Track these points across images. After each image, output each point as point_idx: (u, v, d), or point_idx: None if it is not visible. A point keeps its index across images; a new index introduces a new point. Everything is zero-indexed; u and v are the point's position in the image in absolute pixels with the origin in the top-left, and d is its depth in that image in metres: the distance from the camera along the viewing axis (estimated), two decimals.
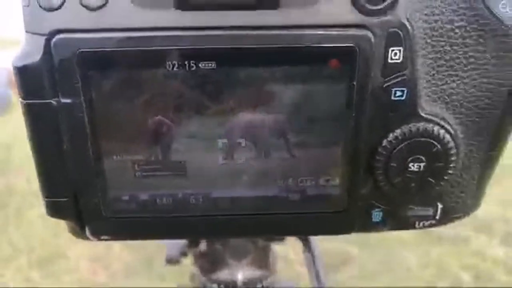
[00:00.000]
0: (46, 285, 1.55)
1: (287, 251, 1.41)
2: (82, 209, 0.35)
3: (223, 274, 0.68)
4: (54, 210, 0.35)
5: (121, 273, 1.61)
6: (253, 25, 0.30)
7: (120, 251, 1.66)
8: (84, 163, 0.33)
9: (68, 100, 0.31)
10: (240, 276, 0.67)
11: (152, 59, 0.30)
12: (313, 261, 0.80)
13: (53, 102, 0.31)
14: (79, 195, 0.34)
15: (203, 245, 0.72)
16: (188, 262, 0.79)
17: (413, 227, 0.39)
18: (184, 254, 0.82)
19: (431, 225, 0.39)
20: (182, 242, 0.78)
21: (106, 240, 0.36)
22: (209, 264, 0.72)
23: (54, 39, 0.30)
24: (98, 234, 0.36)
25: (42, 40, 0.30)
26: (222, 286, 0.67)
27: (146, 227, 0.36)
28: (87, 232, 0.36)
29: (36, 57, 0.30)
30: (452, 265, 1.60)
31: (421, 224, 0.38)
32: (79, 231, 0.36)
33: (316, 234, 0.38)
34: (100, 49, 0.30)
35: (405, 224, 0.38)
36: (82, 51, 0.30)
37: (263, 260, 0.70)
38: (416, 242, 1.66)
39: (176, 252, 0.81)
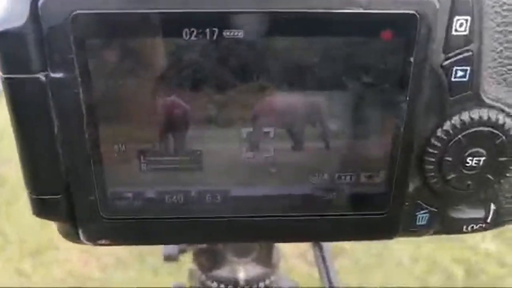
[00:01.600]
0: (37, 276, 1.51)
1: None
2: (75, 208, 0.29)
3: (224, 272, 0.64)
4: (42, 209, 0.29)
5: (113, 265, 1.56)
6: None
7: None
8: (78, 152, 0.27)
9: (60, 75, 0.26)
10: (242, 274, 0.64)
11: (164, 24, 0.25)
12: (322, 258, 0.77)
13: (41, 76, 0.26)
14: (72, 191, 0.29)
15: None
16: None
17: (460, 231, 0.34)
18: (183, 251, 0.79)
19: (481, 229, 0.34)
20: None
21: (104, 245, 0.30)
22: (209, 261, 0.69)
23: (41, 0, 0.24)
24: (94, 238, 0.30)
25: (27, 1, 0.24)
26: (222, 285, 0.64)
27: (152, 231, 0.31)
28: (81, 236, 0.30)
29: (19, 21, 0.25)
30: (444, 259, 1.57)
31: (469, 227, 0.34)
32: (72, 234, 0.31)
33: (354, 239, 0.33)
34: (100, 11, 0.24)
35: (451, 227, 0.34)
36: (77, 14, 0.24)
37: (266, 258, 0.67)
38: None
39: (174, 248, 0.78)
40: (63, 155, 0.28)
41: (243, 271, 0.64)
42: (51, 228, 0.32)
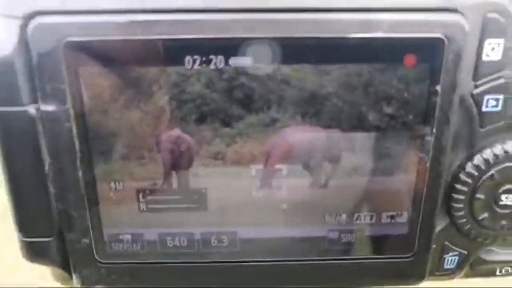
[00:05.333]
0: None
1: None
2: (68, 252, 0.27)
3: None
4: (33, 252, 0.28)
5: None
6: (303, 8, 0.23)
7: None
8: (71, 192, 0.26)
9: (51, 107, 0.24)
10: None
11: (165, 52, 0.23)
12: None
13: (31, 109, 0.24)
14: (65, 233, 0.27)
15: None
16: None
17: (493, 274, 0.31)
18: None
19: None
20: None
21: None
22: None
23: (31, 25, 0.23)
24: (89, 283, 0.28)
25: (15, 25, 0.23)
26: None
27: (153, 276, 0.28)
28: (75, 281, 0.28)
29: (7, 48, 0.23)
30: None
31: (503, 270, 0.31)
32: (66, 279, 0.29)
33: (377, 284, 0.30)
34: (95, 38, 0.23)
35: (483, 271, 0.31)
36: (70, 41, 0.23)
37: None
38: None
39: None
40: (55, 195, 0.26)
41: None
42: None
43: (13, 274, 0.54)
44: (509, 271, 0.31)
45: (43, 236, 0.27)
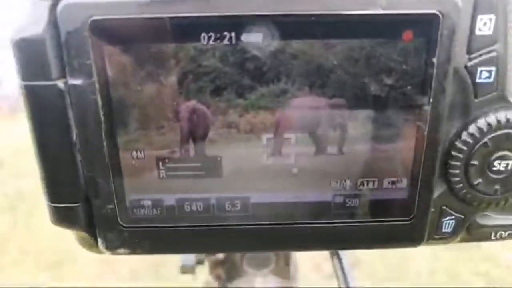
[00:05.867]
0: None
1: None
2: (94, 216, 0.29)
3: (241, 284, 0.64)
4: (61, 217, 0.29)
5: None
6: None
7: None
8: (97, 160, 0.27)
9: (78, 81, 0.25)
10: (260, 286, 0.64)
11: (182, 29, 0.25)
12: (340, 267, 0.75)
13: (60, 83, 0.26)
14: (91, 199, 0.28)
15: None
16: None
17: (488, 239, 0.33)
18: (200, 262, 0.78)
19: (510, 236, 0.33)
20: None
21: (122, 254, 0.30)
22: (227, 273, 0.69)
23: (60, 5, 0.24)
24: (113, 247, 0.30)
25: (45, 7, 0.24)
26: None
27: (171, 239, 0.30)
28: (100, 245, 0.29)
29: (38, 28, 0.25)
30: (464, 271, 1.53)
31: (498, 235, 0.32)
32: (91, 243, 0.30)
33: (378, 247, 0.31)
34: (118, 17, 0.24)
35: (479, 235, 0.32)
36: (95, 20, 0.24)
37: (284, 269, 0.67)
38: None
39: (191, 259, 0.77)
40: (82, 163, 0.27)
41: (261, 282, 0.64)
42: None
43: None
44: (503, 235, 0.32)
45: (70, 202, 0.28)
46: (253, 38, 0.25)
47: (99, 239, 0.29)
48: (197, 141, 0.27)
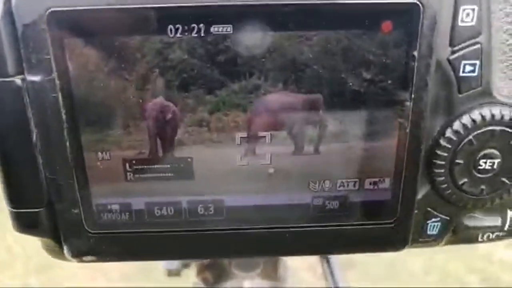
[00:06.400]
0: None
1: None
2: (58, 222, 0.27)
3: (229, 286, 0.64)
4: (24, 223, 0.28)
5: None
6: None
7: None
8: (59, 162, 0.26)
9: (37, 78, 0.24)
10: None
11: (149, 21, 0.23)
12: (329, 269, 0.75)
13: (17, 80, 0.24)
14: (54, 203, 0.27)
15: None
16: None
17: (475, 241, 0.32)
18: (186, 265, 0.78)
19: (497, 238, 0.32)
20: None
21: (89, 261, 0.28)
22: (214, 276, 0.67)
23: None
24: (79, 254, 0.28)
25: None
26: None
27: (141, 246, 0.28)
28: (66, 252, 0.28)
29: None
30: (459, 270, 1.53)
31: (485, 236, 0.31)
32: (56, 250, 0.29)
33: (361, 251, 0.30)
34: (78, 8, 0.23)
35: (465, 237, 0.31)
36: (54, 11, 0.23)
37: (272, 271, 0.66)
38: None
39: (174, 263, 0.78)
40: (43, 165, 0.26)
41: (249, 285, 0.63)
42: None
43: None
44: (491, 236, 0.31)
45: (33, 207, 0.27)
46: (223, 30, 0.23)
47: (64, 246, 0.28)
48: (166, 141, 0.26)
